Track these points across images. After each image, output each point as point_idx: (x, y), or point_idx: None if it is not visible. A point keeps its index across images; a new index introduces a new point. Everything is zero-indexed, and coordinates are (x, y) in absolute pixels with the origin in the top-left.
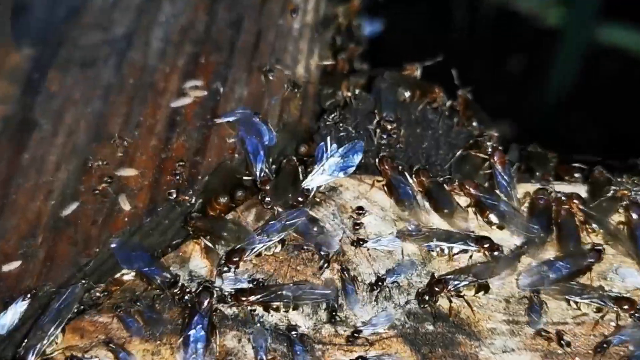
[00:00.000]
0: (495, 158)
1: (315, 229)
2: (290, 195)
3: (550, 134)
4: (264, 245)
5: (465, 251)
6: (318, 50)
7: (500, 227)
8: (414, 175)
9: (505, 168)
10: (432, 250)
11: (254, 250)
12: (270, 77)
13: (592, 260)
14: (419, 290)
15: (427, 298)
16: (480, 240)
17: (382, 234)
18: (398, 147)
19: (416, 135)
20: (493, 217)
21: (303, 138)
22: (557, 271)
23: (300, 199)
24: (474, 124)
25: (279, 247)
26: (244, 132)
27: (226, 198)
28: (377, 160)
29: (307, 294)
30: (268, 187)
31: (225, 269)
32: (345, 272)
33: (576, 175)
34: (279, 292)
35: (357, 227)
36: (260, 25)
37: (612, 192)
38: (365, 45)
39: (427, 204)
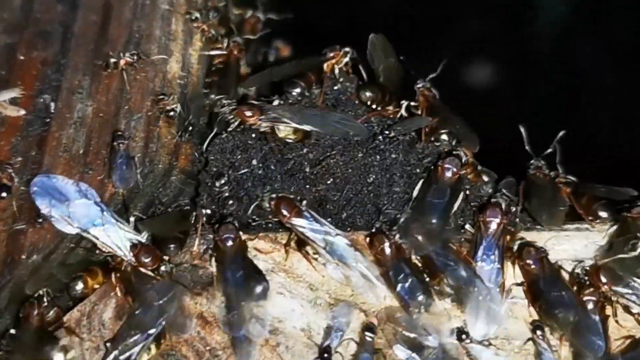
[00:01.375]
0: (486, 217)
1: None
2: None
3: (547, 80)
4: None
5: None
6: (200, 33)
7: (456, 301)
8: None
9: (495, 237)
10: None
11: None
12: (127, 83)
13: None
14: None
15: None
16: None
17: (311, 327)
18: (330, 183)
19: (358, 163)
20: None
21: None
22: None
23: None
24: (443, 136)
25: (153, 349)
26: (54, 207)
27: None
28: (267, 203)
29: None
30: (149, 260)
31: None
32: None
33: (602, 214)
34: None
35: None
36: None
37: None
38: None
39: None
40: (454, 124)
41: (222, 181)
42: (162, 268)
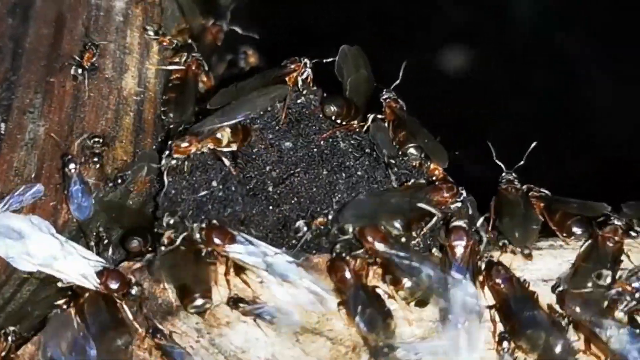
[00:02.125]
0: (452, 242)
1: None
2: None
3: (545, 79)
4: None
5: None
6: (158, 46)
7: (421, 304)
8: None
9: (463, 260)
10: None
11: None
12: (80, 101)
13: None
14: None
15: None
16: None
17: (276, 357)
18: (294, 203)
19: (323, 181)
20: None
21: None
22: None
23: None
24: (411, 150)
25: None
26: (10, 248)
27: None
28: (198, 234)
29: None
30: (117, 286)
31: None
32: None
33: (576, 230)
34: None
35: None
36: (60, 8)
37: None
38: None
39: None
40: (422, 138)
41: (172, 220)
42: (132, 291)
